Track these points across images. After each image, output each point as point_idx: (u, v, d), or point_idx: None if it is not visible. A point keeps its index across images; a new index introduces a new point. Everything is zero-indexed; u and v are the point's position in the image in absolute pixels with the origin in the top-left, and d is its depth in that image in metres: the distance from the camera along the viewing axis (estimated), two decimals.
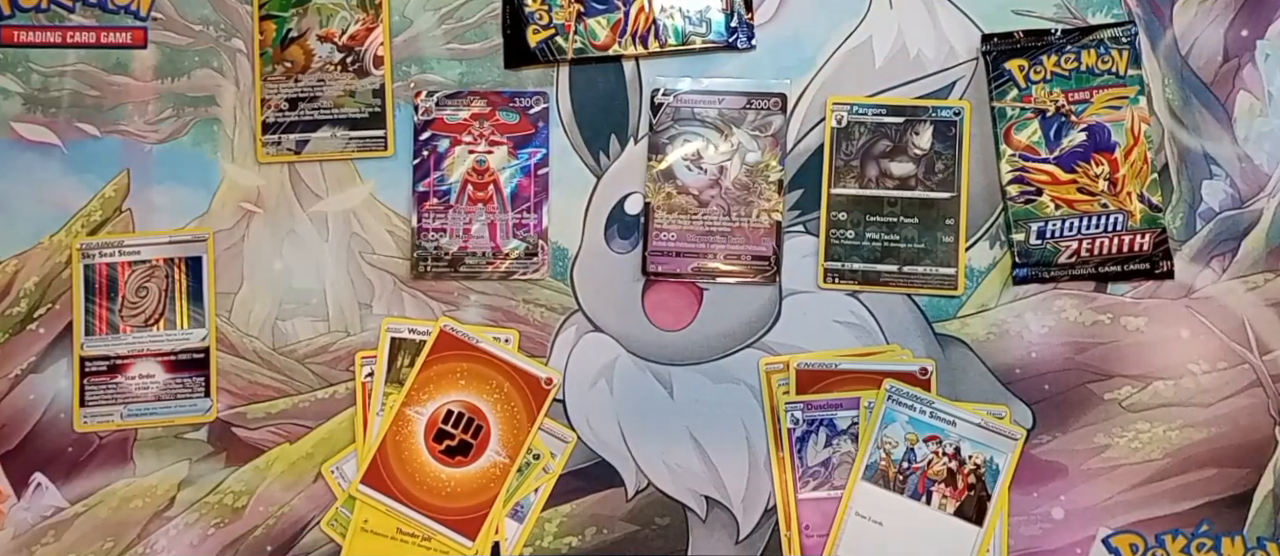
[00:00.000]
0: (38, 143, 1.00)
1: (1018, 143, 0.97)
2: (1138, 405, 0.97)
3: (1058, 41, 0.98)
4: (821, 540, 0.96)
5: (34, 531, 0.98)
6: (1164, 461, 0.97)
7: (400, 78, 1.01)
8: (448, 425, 0.98)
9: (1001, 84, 0.98)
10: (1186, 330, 0.97)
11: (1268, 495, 0.97)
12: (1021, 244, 0.97)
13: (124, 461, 0.99)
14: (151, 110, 1.00)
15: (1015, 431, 0.96)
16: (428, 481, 0.97)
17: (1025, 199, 0.97)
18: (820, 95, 0.99)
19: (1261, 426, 0.97)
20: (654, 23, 0.99)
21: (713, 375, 0.99)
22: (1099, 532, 0.97)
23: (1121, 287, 0.98)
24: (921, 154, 0.98)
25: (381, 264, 1.00)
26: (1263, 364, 0.97)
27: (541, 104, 1.00)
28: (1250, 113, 0.98)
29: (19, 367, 0.99)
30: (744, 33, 1.00)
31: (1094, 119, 0.97)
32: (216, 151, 1.00)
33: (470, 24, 1.01)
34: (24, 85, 1.00)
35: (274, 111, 1.00)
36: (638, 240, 0.99)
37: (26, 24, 1.01)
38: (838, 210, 0.98)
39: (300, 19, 1.01)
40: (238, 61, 1.01)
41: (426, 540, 0.97)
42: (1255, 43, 0.99)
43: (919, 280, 0.97)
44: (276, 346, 0.99)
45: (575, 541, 0.99)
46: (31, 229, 1.00)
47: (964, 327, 0.98)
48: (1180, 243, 0.98)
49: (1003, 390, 0.97)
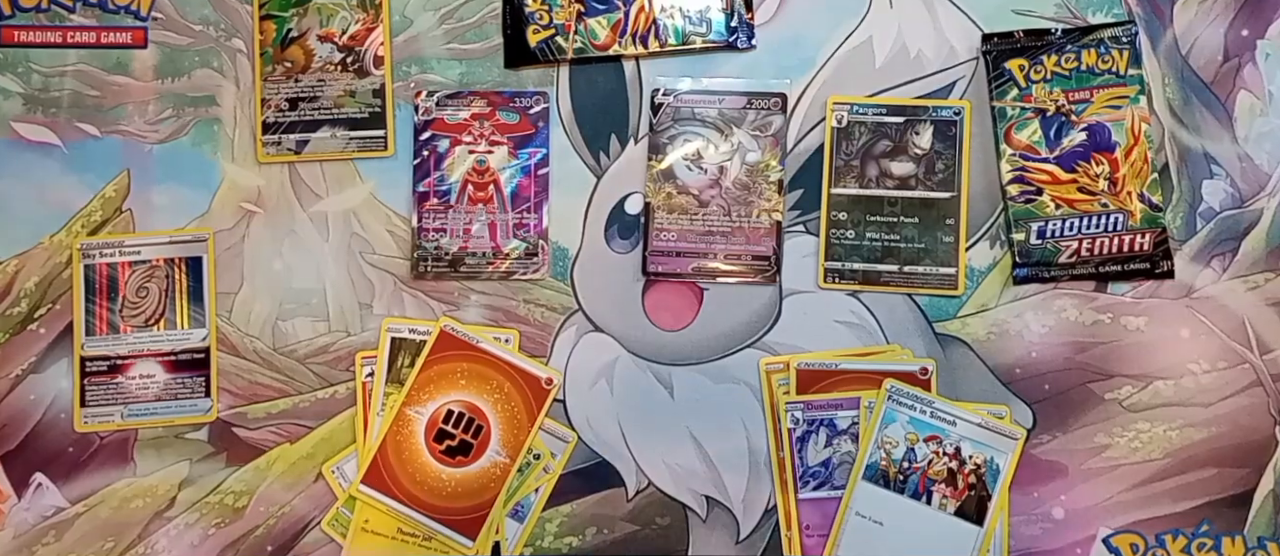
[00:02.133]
0: (38, 143, 1.00)
1: (1018, 142, 0.97)
2: (1138, 405, 0.97)
3: (1058, 41, 0.98)
4: (822, 540, 0.96)
5: (34, 531, 0.98)
6: (1164, 461, 0.97)
7: (400, 78, 1.01)
8: (448, 425, 0.98)
9: (1002, 84, 0.98)
10: (1187, 330, 0.97)
11: (1268, 495, 0.97)
12: (1022, 244, 0.97)
13: (124, 461, 0.99)
14: (152, 110, 1.00)
15: (1015, 431, 0.96)
16: (428, 481, 0.97)
17: (1025, 199, 0.97)
18: (820, 95, 0.99)
19: (1261, 426, 0.97)
20: (654, 23, 0.99)
21: (713, 375, 0.99)
22: (1099, 532, 0.97)
23: (1122, 287, 0.98)
24: (922, 154, 0.98)
25: (382, 264, 1.00)
26: (1263, 363, 0.97)
27: (541, 104, 1.00)
28: (1250, 112, 0.98)
29: (19, 368, 0.99)
30: (744, 33, 1.00)
31: (1094, 119, 0.97)
32: (217, 151, 1.00)
33: (470, 24, 1.01)
34: (24, 85, 1.00)
35: (274, 111, 1.00)
36: (638, 240, 0.99)
37: (27, 24, 1.01)
38: (838, 210, 0.98)
39: (300, 19, 1.01)
40: (238, 61, 1.01)
41: (427, 540, 0.97)
42: (1255, 42, 0.99)
43: (919, 280, 0.97)
44: (277, 346, 0.99)
45: (576, 541, 0.99)
46: (32, 229, 1.00)
47: (964, 327, 0.98)
48: (1180, 242, 0.98)
49: (1003, 390, 0.97)
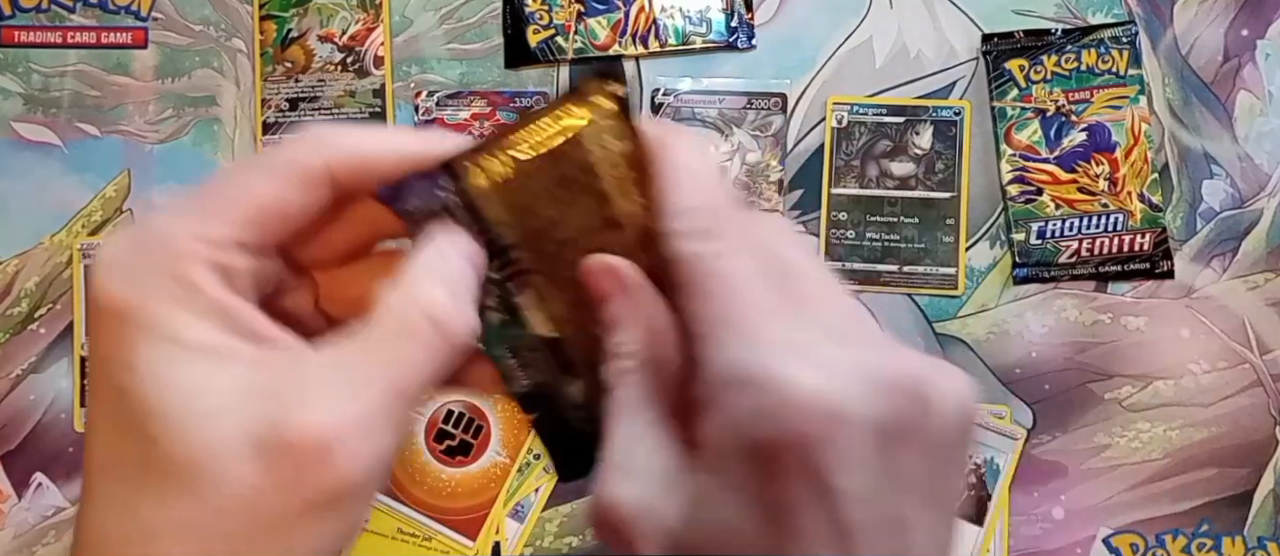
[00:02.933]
0: (38, 143, 1.00)
1: (1018, 143, 0.97)
2: (1138, 405, 0.97)
3: (1058, 41, 0.97)
4: None
5: (35, 531, 0.98)
6: (1164, 461, 0.97)
7: (400, 78, 1.01)
8: (448, 425, 0.98)
9: (1001, 84, 0.98)
10: (1187, 330, 0.97)
11: (1268, 495, 0.97)
12: (1022, 244, 0.97)
13: None
14: (152, 110, 1.00)
15: (1015, 431, 0.96)
16: (428, 481, 0.97)
17: (1025, 199, 0.97)
18: (820, 95, 0.99)
19: (1262, 426, 0.97)
20: (654, 23, 0.99)
21: None
22: (1099, 532, 0.97)
23: (1122, 287, 0.98)
24: (921, 154, 0.98)
25: None
26: (1263, 364, 0.97)
27: (541, 104, 1.00)
28: (1250, 112, 0.98)
29: (19, 367, 0.99)
30: (744, 33, 1.00)
31: (1094, 119, 0.97)
32: (217, 151, 1.00)
33: (470, 24, 1.01)
34: (24, 85, 1.00)
35: (274, 111, 1.00)
36: None
37: (27, 24, 1.01)
38: (838, 210, 0.98)
39: (300, 19, 1.01)
40: (238, 61, 1.01)
41: (427, 540, 0.97)
42: (1255, 43, 0.99)
43: (919, 280, 0.97)
44: None
45: (576, 541, 0.99)
46: (32, 229, 1.00)
47: (964, 327, 0.98)
48: (1180, 242, 0.98)
49: (1003, 390, 0.97)
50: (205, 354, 0.31)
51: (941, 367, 0.35)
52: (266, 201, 0.34)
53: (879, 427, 0.33)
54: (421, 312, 0.33)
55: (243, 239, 0.33)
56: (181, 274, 0.31)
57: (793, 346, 0.33)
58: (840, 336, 0.35)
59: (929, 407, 0.33)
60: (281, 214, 0.34)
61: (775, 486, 0.33)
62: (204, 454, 0.30)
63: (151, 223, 0.33)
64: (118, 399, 0.31)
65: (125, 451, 0.31)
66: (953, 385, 0.34)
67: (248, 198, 0.34)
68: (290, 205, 0.34)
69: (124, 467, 0.31)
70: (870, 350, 0.34)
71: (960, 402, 0.34)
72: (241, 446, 0.30)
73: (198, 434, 0.30)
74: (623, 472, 0.36)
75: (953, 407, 0.34)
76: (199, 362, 0.31)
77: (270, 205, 0.34)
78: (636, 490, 0.35)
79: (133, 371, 0.31)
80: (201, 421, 0.30)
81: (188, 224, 0.33)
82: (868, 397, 0.33)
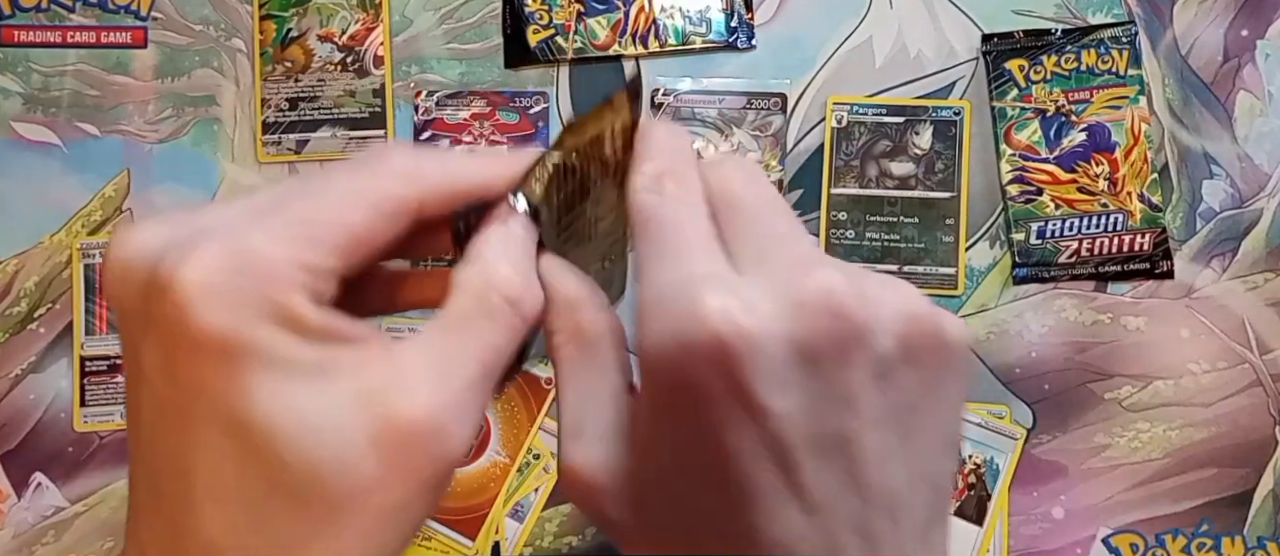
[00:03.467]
0: (38, 143, 1.00)
1: (1018, 143, 0.97)
2: (1138, 405, 0.97)
3: (1058, 41, 0.98)
4: None
5: (34, 531, 0.98)
6: (1164, 461, 0.97)
7: (400, 77, 1.01)
8: None
9: (1001, 84, 0.98)
10: (1186, 330, 0.97)
11: (1268, 495, 0.97)
12: (1021, 244, 0.97)
13: (124, 461, 0.99)
14: (151, 110, 1.00)
15: (1015, 431, 0.96)
16: None
17: (1025, 199, 0.97)
18: (820, 95, 0.99)
19: (1261, 426, 0.97)
20: (654, 23, 0.99)
21: None
22: (1099, 532, 0.97)
23: (1122, 287, 0.98)
24: (921, 154, 0.98)
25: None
26: (1263, 364, 0.97)
27: (541, 104, 1.00)
28: (1250, 113, 0.98)
29: (19, 367, 0.99)
30: (744, 33, 1.00)
31: (1094, 119, 0.97)
32: (217, 151, 1.00)
33: (470, 24, 1.01)
34: (24, 85, 1.00)
35: (274, 111, 1.00)
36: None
37: (26, 24, 1.01)
38: (838, 210, 0.98)
39: (300, 19, 1.01)
40: (238, 61, 1.01)
41: (427, 540, 0.97)
42: (1255, 43, 0.99)
43: (919, 280, 0.97)
44: None
45: (576, 541, 0.99)
46: (31, 229, 0.99)
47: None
48: (1180, 242, 0.98)
49: (1003, 390, 0.97)
50: (315, 372, 0.33)
51: (885, 282, 0.35)
52: (361, 232, 0.35)
53: (797, 344, 0.33)
54: (499, 294, 0.36)
55: (337, 267, 0.35)
56: (282, 302, 0.33)
57: (715, 273, 0.35)
58: (771, 262, 0.35)
59: (859, 325, 0.33)
60: (372, 244, 0.36)
61: (705, 412, 0.33)
62: (333, 463, 0.32)
63: (244, 244, 0.33)
64: (237, 429, 0.32)
65: (248, 477, 0.33)
66: (892, 303, 0.34)
67: (344, 226, 0.35)
68: (382, 236, 0.36)
69: (249, 492, 0.33)
70: (793, 270, 0.34)
71: (902, 320, 0.34)
72: (363, 445, 0.32)
73: (324, 447, 0.32)
74: (572, 436, 0.38)
75: (891, 326, 0.34)
76: (312, 381, 0.33)
77: (365, 236, 0.36)
78: (589, 450, 0.37)
79: (251, 401, 0.32)
80: (324, 435, 0.32)
81: (286, 250, 0.33)
82: (779, 314, 0.33)
